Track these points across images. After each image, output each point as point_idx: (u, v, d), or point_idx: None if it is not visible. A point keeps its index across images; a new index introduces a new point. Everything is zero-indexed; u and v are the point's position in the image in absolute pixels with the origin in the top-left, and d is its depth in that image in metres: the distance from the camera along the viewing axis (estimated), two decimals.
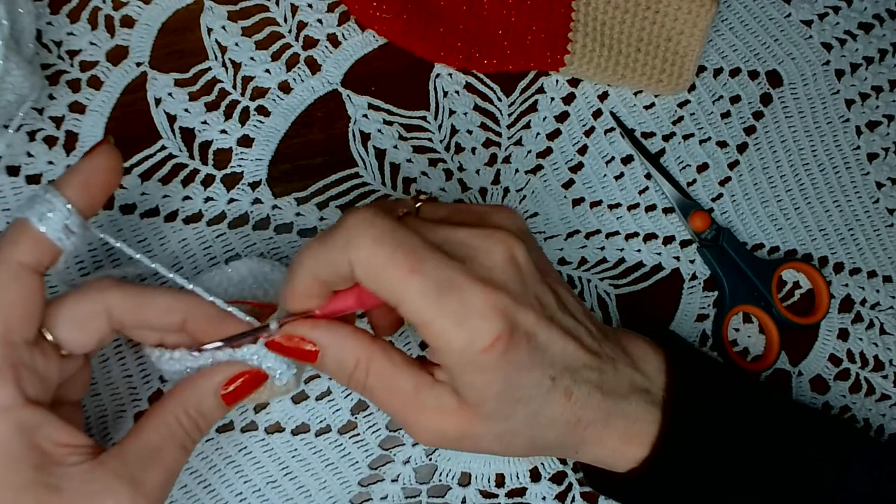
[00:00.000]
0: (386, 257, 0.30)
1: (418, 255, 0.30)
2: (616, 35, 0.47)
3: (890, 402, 0.48)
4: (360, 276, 0.30)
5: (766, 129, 0.49)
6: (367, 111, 0.45)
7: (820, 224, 0.49)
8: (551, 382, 0.32)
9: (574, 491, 0.43)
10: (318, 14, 0.46)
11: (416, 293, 0.30)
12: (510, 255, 0.32)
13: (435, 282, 0.30)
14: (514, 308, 0.31)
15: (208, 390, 0.33)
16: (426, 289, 0.30)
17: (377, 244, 0.30)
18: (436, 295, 0.30)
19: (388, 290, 0.30)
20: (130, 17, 0.44)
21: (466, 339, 0.30)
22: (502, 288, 0.31)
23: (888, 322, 0.49)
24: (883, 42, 0.52)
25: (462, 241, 0.32)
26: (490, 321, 0.30)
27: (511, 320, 0.30)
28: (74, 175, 0.32)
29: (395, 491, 0.43)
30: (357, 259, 0.30)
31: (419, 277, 0.29)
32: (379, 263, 0.30)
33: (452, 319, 0.30)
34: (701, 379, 0.37)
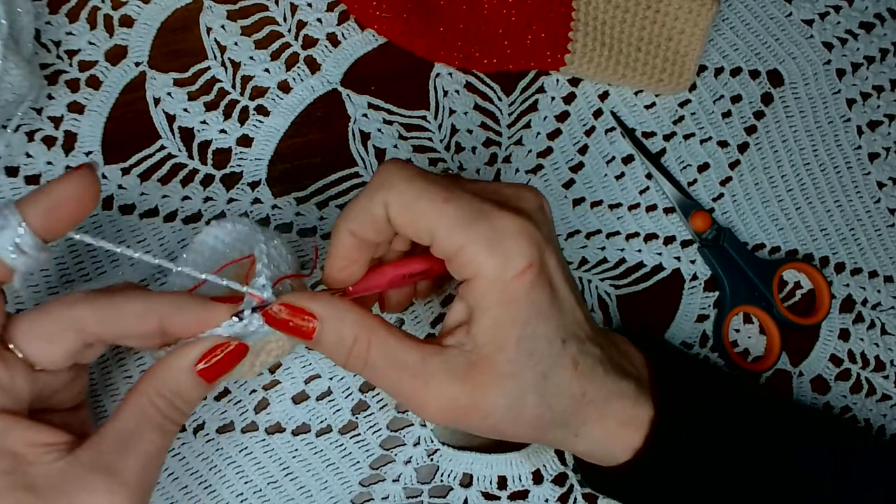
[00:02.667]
0: (419, 189, 0.31)
1: (450, 188, 0.31)
2: (617, 34, 0.46)
3: (891, 402, 0.48)
4: (394, 213, 0.31)
5: (767, 129, 0.49)
6: (366, 110, 0.45)
7: (821, 224, 0.49)
8: (562, 345, 0.32)
9: (576, 492, 0.43)
10: (318, 13, 0.46)
11: (450, 220, 0.30)
12: (540, 205, 0.33)
13: (468, 209, 0.31)
14: (542, 243, 0.31)
15: (181, 368, 0.32)
16: (459, 215, 0.30)
17: (410, 180, 0.31)
18: (469, 221, 0.30)
19: (422, 220, 0.31)
20: (129, 16, 0.44)
21: (500, 262, 0.30)
22: (534, 222, 0.31)
23: (889, 322, 0.49)
24: (884, 41, 0.52)
25: (494, 190, 0.33)
26: (523, 247, 0.31)
27: (540, 252, 0.31)
28: (41, 197, 0.30)
29: (396, 491, 0.42)
30: (391, 197, 0.31)
31: (452, 205, 0.30)
32: (412, 196, 0.31)
33: (486, 244, 0.30)
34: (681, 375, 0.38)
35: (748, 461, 0.36)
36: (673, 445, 0.35)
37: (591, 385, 0.33)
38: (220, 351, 0.32)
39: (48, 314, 0.31)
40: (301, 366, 0.42)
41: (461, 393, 0.31)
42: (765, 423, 0.38)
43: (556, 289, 0.32)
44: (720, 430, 0.36)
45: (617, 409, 0.34)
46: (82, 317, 0.31)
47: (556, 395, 0.33)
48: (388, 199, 0.31)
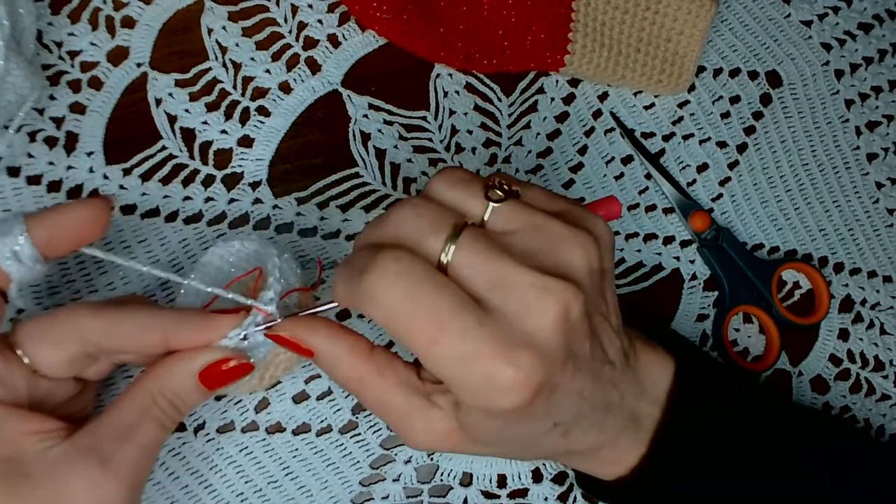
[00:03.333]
0: (406, 324, 0.28)
1: (442, 323, 0.27)
2: (616, 35, 0.47)
3: (890, 402, 0.48)
4: (383, 327, 0.30)
5: (766, 130, 0.49)
6: (367, 111, 0.45)
7: (820, 224, 0.49)
8: (552, 426, 0.32)
9: (575, 491, 0.43)
10: (319, 14, 0.46)
11: (436, 360, 0.28)
12: (563, 318, 0.28)
13: (458, 354, 0.28)
14: (544, 376, 0.28)
15: (187, 372, 0.32)
16: (448, 359, 0.28)
17: (397, 308, 0.28)
18: (458, 365, 0.28)
19: (410, 348, 0.29)
20: (131, 17, 0.44)
21: (486, 403, 0.29)
22: (537, 360, 0.28)
23: (888, 322, 0.49)
24: (882, 42, 0.52)
25: (516, 290, 0.28)
26: (515, 396, 0.28)
27: (536, 389, 0.28)
28: (51, 215, 0.32)
29: (396, 490, 0.43)
30: (376, 318, 0.28)
31: (440, 349, 0.28)
32: (399, 328, 0.28)
33: (475, 384, 0.28)
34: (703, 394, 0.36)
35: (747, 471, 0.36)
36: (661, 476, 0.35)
37: (580, 445, 0.33)
38: (226, 364, 0.33)
39: (52, 319, 0.32)
40: (301, 366, 0.43)
41: (441, 446, 0.32)
42: (766, 429, 0.37)
43: (557, 391, 0.30)
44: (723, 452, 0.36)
45: (606, 455, 0.35)
46: (85, 324, 0.32)
47: (538, 454, 0.34)
48: (372, 316, 0.29)
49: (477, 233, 0.29)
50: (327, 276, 0.43)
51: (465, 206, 0.30)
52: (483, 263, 0.28)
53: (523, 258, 0.29)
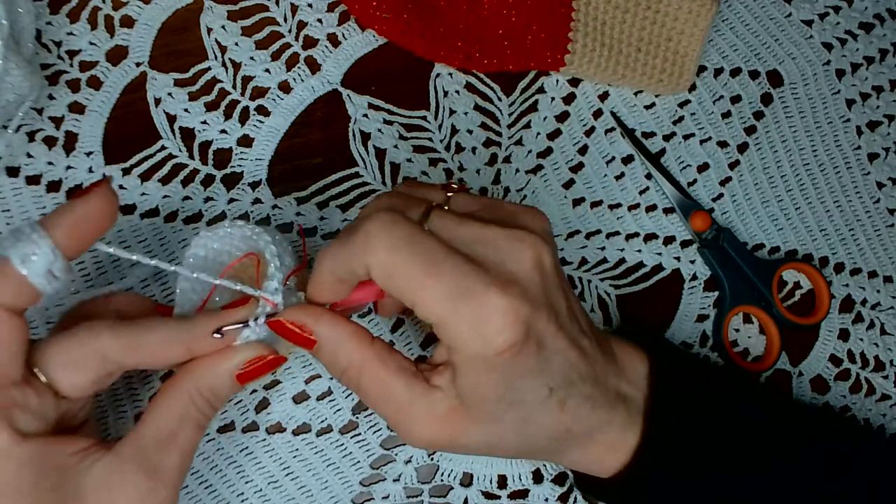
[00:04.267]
0: (403, 263, 0.30)
1: (436, 261, 0.30)
2: (616, 35, 0.47)
3: (890, 402, 0.48)
4: (376, 279, 0.31)
5: (767, 129, 0.49)
6: (367, 111, 0.45)
7: (820, 224, 0.49)
8: (548, 392, 0.32)
9: (576, 492, 0.43)
10: (318, 14, 0.46)
11: (432, 297, 0.30)
12: (537, 261, 0.32)
13: (452, 287, 0.30)
14: (531, 315, 0.31)
15: (225, 372, 0.33)
16: (443, 294, 0.30)
17: (394, 251, 0.30)
18: (452, 300, 0.30)
19: (405, 294, 0.30)
20: (130, 16, 0.44)
21: (482, 343, 0.30)
22: (523, 294, 0.31)
23: (889, 322, 0.49)
24: (883, 42, 0.52)
25: (491, 241, 0.32)
26: (507, 329, 0.30)
27: (527, 327, 0.30)
28: (65, 216, 0.30)
29: (396, 490, 0.43)
30: (374, 263, 0.30)
31: (435, 283, 0.30)
32: (395, 269, 0.30)
33: (469, 324, 0.30)
34: (683, 384, 0.37)
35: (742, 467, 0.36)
36: (661, 463, 0.36)
37: (576, 422, 0.34)
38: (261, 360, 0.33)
39: (72, 342, 0.31)
40: (302, 365, 0.43)
41: (443, 433, 0.33)
42: (762, 426, 0.38)
43: (546, 346, 0.32)
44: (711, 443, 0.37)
45: (603, 439, 0.35)
46: (106, 345, 0.31)
47: (536, 435, 0.34)
48: (369, 264, 0.30)
49: (445, 210, 0.33)
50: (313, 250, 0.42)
51: (429, 197, 0.34)
52: (458, 226, 0.32)
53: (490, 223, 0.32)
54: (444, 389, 0.32)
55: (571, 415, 0.33)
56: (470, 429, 0.33)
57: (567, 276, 0.46)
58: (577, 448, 0.35)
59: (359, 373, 0.33)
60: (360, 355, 0.32)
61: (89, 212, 0.31)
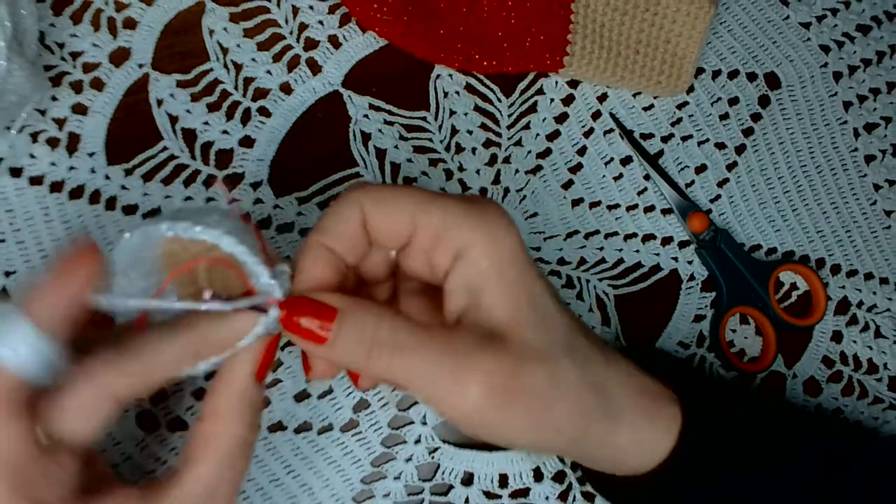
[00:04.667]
0: (395, 187, 0.31)
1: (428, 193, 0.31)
2: (615, 37, 0.47)
3: (883, 405, 0.48)
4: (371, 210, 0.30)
5: (765, 131, 0.50)
6: (367, 112, 0.46)
7: (817, 226, 0.49)
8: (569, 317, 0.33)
9: (574, 490, 0.44)
10: (320, 16, 0.46)
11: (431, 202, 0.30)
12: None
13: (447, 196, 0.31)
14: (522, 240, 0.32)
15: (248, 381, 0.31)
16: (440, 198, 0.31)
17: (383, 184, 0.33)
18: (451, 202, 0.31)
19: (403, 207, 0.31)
20: (133, 18, 0.44)
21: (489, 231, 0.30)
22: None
23: (884, 325, 0.49)
24: (881, 44, 0.52)
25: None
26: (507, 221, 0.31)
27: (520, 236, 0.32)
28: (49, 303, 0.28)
29: (397, 489, 0.43)
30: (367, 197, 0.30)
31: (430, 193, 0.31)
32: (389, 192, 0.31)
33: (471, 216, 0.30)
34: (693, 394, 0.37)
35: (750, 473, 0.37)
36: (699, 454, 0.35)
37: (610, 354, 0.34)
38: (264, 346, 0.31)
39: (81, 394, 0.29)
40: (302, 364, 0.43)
41: (496, 371, 0.29)
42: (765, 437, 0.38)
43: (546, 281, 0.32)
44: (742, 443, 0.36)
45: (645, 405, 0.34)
46: (116, 386, 0.29)
47: (586, 363, 0.31)
48: (363, 197, 0.30)
49: None
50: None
51: None
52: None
53: None
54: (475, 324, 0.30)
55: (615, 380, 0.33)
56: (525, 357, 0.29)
57: (565, 276, 0.46)
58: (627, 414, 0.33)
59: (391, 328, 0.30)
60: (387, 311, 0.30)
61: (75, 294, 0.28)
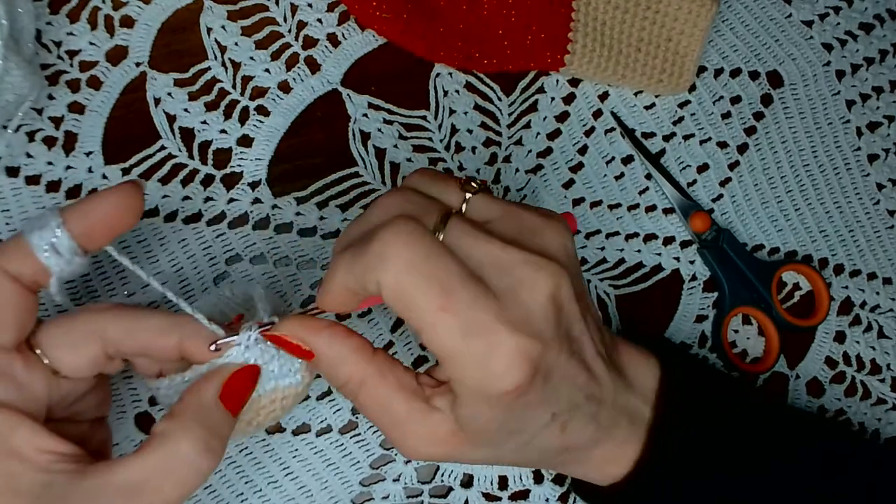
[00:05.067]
0: (416, 287, 0.28)
1: (450, 290, 0.28)
2: (616, 35, 0.47)
3: (886, 406, 0.48)
4: (387, 299, 0.29)
5: (767, 130, 0.49)
6: (366, 110, 0.45)
7: (820, 225, 0.49)
8: (551, 417, 0.32)
9: None
10: (318, 14, 0.46)
11: (442, 330, 0.28)
12: (554, 294, 0.30)
13: (464, 322, 0.28)
14: (542, 353, 0.29)
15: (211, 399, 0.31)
16: (453, 328, 0.28)
17: (408, 271, 0.28)
18: (463, 336, 0.28)
19: (414, 319, 0.29)
20: (130, 17, 0.44)
21: (487, 382, 0.29)
22: (536, 334, 0.29)
23: (887, 325, 0.49)
24: (884, 42, 0.52)
25: (508, 267, 0.30)
26: (515, 370, 0.29)
27: (535, 366, 0.29)
28: (84, 205, 0.31)
29: (396, 490, 0.43)
30: (385, 283, 0.29)
31: (448, 316, 0.28)
32: (408, 293, 0.28)
33: (476, 361, 0.29)
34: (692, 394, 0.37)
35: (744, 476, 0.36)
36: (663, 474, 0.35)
37: (577, 440, 0.33)
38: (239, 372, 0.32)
39: (73, 321, 0.32)
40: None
41: (440, 452, 0.32)
42: (765, 435, 0.38)
43: (553, 375, 0.30)
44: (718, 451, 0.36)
45: (603, 451, 0.35)
46: (106, 325, 0.31)
47: (536, 453, 0.33)
48: (382, 283, 0.29)
49: (464, 218, 0.31)
50: None
51: (445, 198, 0.32)
52: (475, 244, 0.30)
53: (508, 240, 0.30)
54: (443, 412, 0.31)
55: (573, 435, 0.33)
56: (468, 451, 0.32)
57: None
58: (576, 463, 0.35)
59: (357, 388, 0.32)
60: (359, 371, 0.31)
61: (109, 206, 0.31)
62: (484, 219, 0.32)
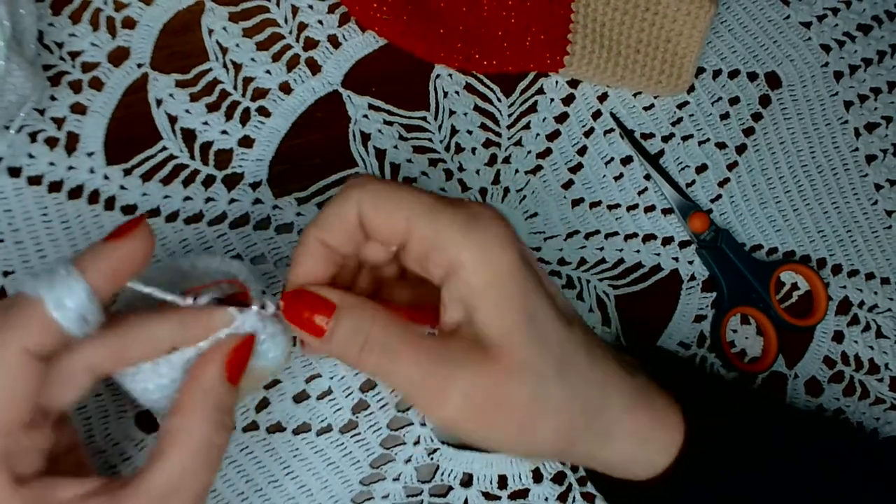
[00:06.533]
0: (394, 186, 0.30)
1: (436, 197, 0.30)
2: (615, 36, 0.47)
3: (884, 405, 0.48)
4: (368, 208, 0.30)
5: (765, 131, 0.49)
6: (367, 112, 0.46)
7: (818, 226, 0.49)
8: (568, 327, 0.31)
9: (574, 491, 0.44)
10: (319, 15, 0.46)
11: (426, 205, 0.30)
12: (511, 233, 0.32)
13: (443, 199, 0.30)
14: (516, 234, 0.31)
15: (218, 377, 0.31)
16: (435, 202, 0.30)
17: (382, 181, 0.31)
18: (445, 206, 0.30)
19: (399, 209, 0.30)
20: (132, 18, 0.44)
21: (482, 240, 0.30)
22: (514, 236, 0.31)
23: (885, 325, 0.49)
24: (881, 44, 0.52)
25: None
26: (500, 227, 0.30)
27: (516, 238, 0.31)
28: (101, 258, 0.29)
29: (396, 490, 0.43)
30: (365, 194, 0.30)
31: (427, 195, 0.30)
32: (387, 190, 0.30)
33: (465, 223, 0.30)
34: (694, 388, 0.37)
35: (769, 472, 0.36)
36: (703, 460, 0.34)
37: (609, 371, 0.32)
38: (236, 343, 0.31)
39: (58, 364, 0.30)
40: (302, 365, 0.43)
41: (480, 383, 0.29)
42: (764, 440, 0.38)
43: (540, 275, 0.32)
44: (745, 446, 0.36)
45: (646, 412, 0.33)
46: (94, 357, 0.30)
47: (577, 382, 0.31)
48: (361, 196, 0.30)
49: None
50: None
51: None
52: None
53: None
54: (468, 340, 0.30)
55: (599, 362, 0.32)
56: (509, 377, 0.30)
57: (566, 277, 0.46)
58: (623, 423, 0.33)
59: (384, 329, 0.31)
60: (381, 317, 0.31)
61: (126, 254, 0.30)
62: None
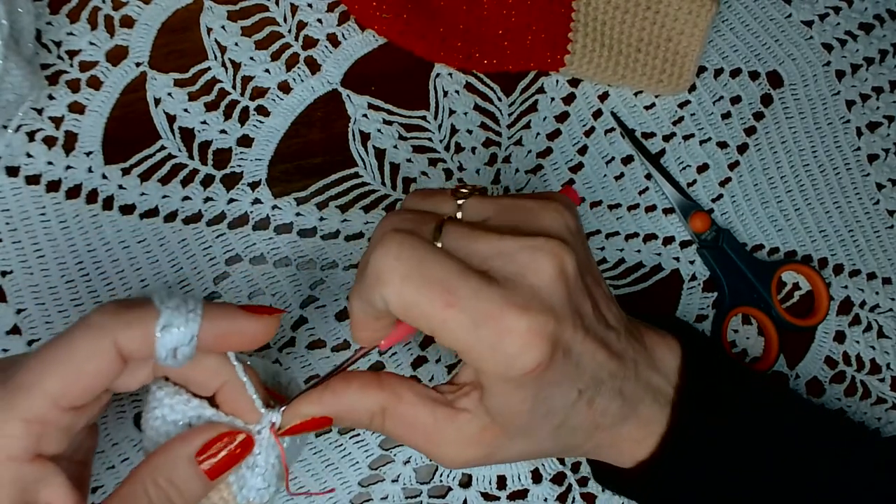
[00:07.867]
0: (417, 294, 0.28)
1: (452, 287, 0.28)
2: (616, 35, 0.47)
3: (886, 405, 0.48)
4: (395, 313, 0.29)
5: (767, 130, 0.49)
6: (366, 111, 0.45)
7: (820, 225, 0.49)
8: (578, 395, 0.32)
9: (574, 492, 0.44)
10: (318, 14, 0.46)
11: (452, 327, 0.29)
12: (559, 271, 0.30)
13: (471, 314, 0.28)
14: (556, 329, 0.29)
15: (182, 457, 0.30)
16: (462, 322, 0.29)
17: (406, 282, 0.28)
18: (473, 327, 0.29)
19: (424, 324, 0.29)
20: (130, 17, 0.44)
21: (507, 366, 0.29)
22: (547, 310, 0.29)
23: (887, 325, 0.49)
24: (883, 43, 0.52)
25: (508, 255, 0.30)
26: (532, 349, 0.29)
27: (552, 342, 0.29)
28: (227, 321, 0.30)
29: (395, 491, 0.43)
30: (389, 299, 0.29)
31: (454, 312, 0.28)
32: (412, 301, 0.29)
33: (492, 349, 0.29)
34: (713, 376, 0.37)
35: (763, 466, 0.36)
36: (686, 454, 0.36)
37: (606, 417, 0.34)
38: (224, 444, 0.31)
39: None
40: (301, 366, 0.43)
41: (476, 453, 0.32)
42: (782, 425, 0.38)
43: (573, 351, 0.31)
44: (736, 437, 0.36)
45: (631, 430, 0.35)
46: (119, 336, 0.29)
47: (569, 436, 0.34)
48: (386, 297, 0.29)
49: (458, 221, 0.32)
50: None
51: (439, 209, 0.33)
52: (472, 242, 0.30)
53: (506, 232, 0.31)
54: (471, 411, 0.32)
55: (601, 412, 0.33)
56: (504, 444, 0.33)
57: None
58: (606, 445, 0.35)
59: (382, 418, 0.32)
60: (374, 403, 0.32)
61: (247, 330, 0.30)
62: (481, 218, 0.32)
